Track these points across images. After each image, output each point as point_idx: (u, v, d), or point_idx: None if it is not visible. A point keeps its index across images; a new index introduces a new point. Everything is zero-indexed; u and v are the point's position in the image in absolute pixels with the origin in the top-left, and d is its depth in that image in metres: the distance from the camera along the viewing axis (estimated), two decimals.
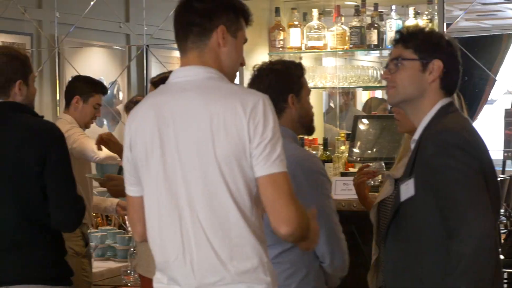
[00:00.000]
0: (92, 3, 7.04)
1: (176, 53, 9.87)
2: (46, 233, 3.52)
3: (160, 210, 2.70)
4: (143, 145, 2.71)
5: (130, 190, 2.80)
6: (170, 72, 2.87)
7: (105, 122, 8.87)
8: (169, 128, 2.68)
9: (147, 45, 7.02)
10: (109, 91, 7.20)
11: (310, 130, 3.61)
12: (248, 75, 6.20)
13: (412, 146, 2.91)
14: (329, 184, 3.48)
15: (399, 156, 3.84)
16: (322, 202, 3.36)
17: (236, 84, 2.83)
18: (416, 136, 2.90)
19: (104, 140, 4.58)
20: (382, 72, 6.28)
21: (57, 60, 7.30)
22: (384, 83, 3.06)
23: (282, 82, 3.48)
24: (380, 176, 4.07)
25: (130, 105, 6.73)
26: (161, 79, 4.11)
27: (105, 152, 5.18)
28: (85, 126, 5.47)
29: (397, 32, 2.98)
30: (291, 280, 3.35)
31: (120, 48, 9.05)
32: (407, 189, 2.81)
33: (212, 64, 2.74)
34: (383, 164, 4.17)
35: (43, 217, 3.49)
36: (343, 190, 5.10)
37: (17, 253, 3.47)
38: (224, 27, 2.74)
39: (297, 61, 3.64)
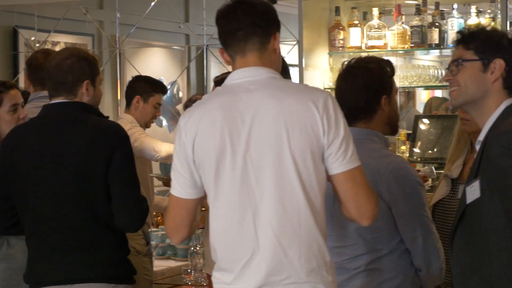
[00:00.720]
0: (152, 3, 7.09)
1: None
2: (111, 233, 3.55)
3: (232, 210, 2.70)
4: (212, 146, 2.70)
5: (186, 192, 2.78)
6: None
7: (164, 122, 8.93)
8: (240, 128, 2.68)
9: (207, 45, 7.05)
10: (169, 91, 7.25)
11: (396, 130, 3.47)
12: (308, 75, 6.26)
13: (477, 147, 2.87)
14: (424, 192, 3.36)
15: (451, 156, 3.78)
16: (417, 212, 3.26)
17: (297, 83, 2.85)
18: (481, 137, 2.86)
19: None
20: (443, 72, 6.24)
21: (118, 61, 7.37)
22: (445, 83, 3.02)
23: (377, 83, 3.33)
24: (430, 181, 4.03)
25: (189, 104, 6.75)
26: (223, 79, 4.11)
27: (165, 150, 5.22)
28: (145, 125, 5.52)
29: (458, 32, 2.95)
30: (385, 285, 3.27)
31: (179, 48, 9.11)
32: (473, 191, 2.78)
33: (271, 67, 2.77)
34: (434, 168, 4.12)
35: (107, 217, 3.52)
36: None
37: (84, 252, 3.50)
38: (279, 33, 2.80)
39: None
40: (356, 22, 6.31)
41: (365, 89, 3.30)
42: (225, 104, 2.71)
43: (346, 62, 3.43)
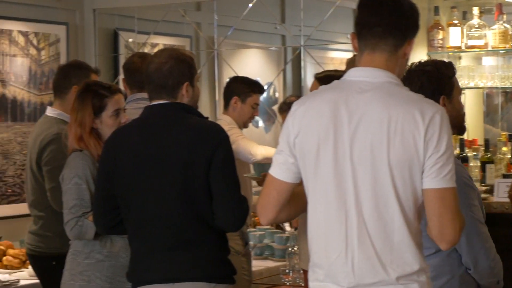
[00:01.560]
0: (250, 5, 7.13)
1: (332, 54, 9.86)
2: (212, 232, 3.57)
3: (327, 206, 2.71)
4: (316, 139, 2.70)
5: (281, 173, 2.79)
6: (335, 70, 2.88)
7: (260, 122, 8.96)
8: (345, 127, 2.68)
9: (304, 46, 7.05)
10: (265, 92, 7.27)
11: (461, 130, 3.52)
12: None
13: None
14: (473, 193, 3.39)
15: None
16: (464, 212, 3.26)
17: (414, 93, 2.79)
18: None
19: None
20: None
21: (215, 62, 7.43)
22: None
23: (433, 84, 3.41)
24: None
25: (284, 106, 6.77)
26: (327, 76, 4.11)
27: (261, 153, 5.24)
28: (243, 125, 5.55)
29: None
30: (433, 283, 3.27)
31: (276, 49, 9.13)
32: None
33: (394, 71, 2.75)
34: None
35: (209, 216, 3.54)
36: (506, 193, 4.98)
37: (185, 251, 3.54)
38: (414, 39, 2.77)
39: (449, 60, 3.58)
40: (456, 21, 6.24)
41: (421, 90, 3.30)
42: (335, 100, 2.71)
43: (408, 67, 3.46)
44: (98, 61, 7.21)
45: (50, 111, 4.82)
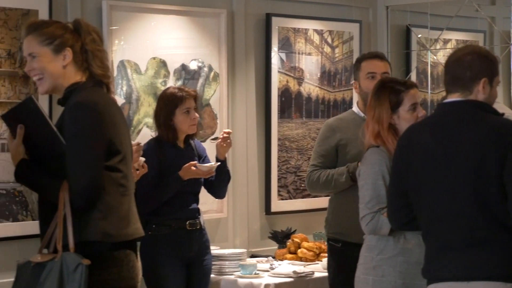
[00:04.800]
0: None
1: None
2: (507, 232, 3.49)
3: None
4: None
5: None
6: None
7: None
8: None
9: None
10: None
11: None
12: None
13: None
14: None
15: None
16: None
17: None
18: None
19: None
20: None
21: (511, 57, 7.24)
22: None
23: None
24: None
25: None
26: None
27: None
28: None
29: None
30: None
31: None
32: None
33: None
34: None
35: (503, 215, 3.46)
36: None
37: (480, 250, 3.48)
38: None
39: None
40: None
41: None
42: None
43: None
44: (390, 58, 7.27)
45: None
